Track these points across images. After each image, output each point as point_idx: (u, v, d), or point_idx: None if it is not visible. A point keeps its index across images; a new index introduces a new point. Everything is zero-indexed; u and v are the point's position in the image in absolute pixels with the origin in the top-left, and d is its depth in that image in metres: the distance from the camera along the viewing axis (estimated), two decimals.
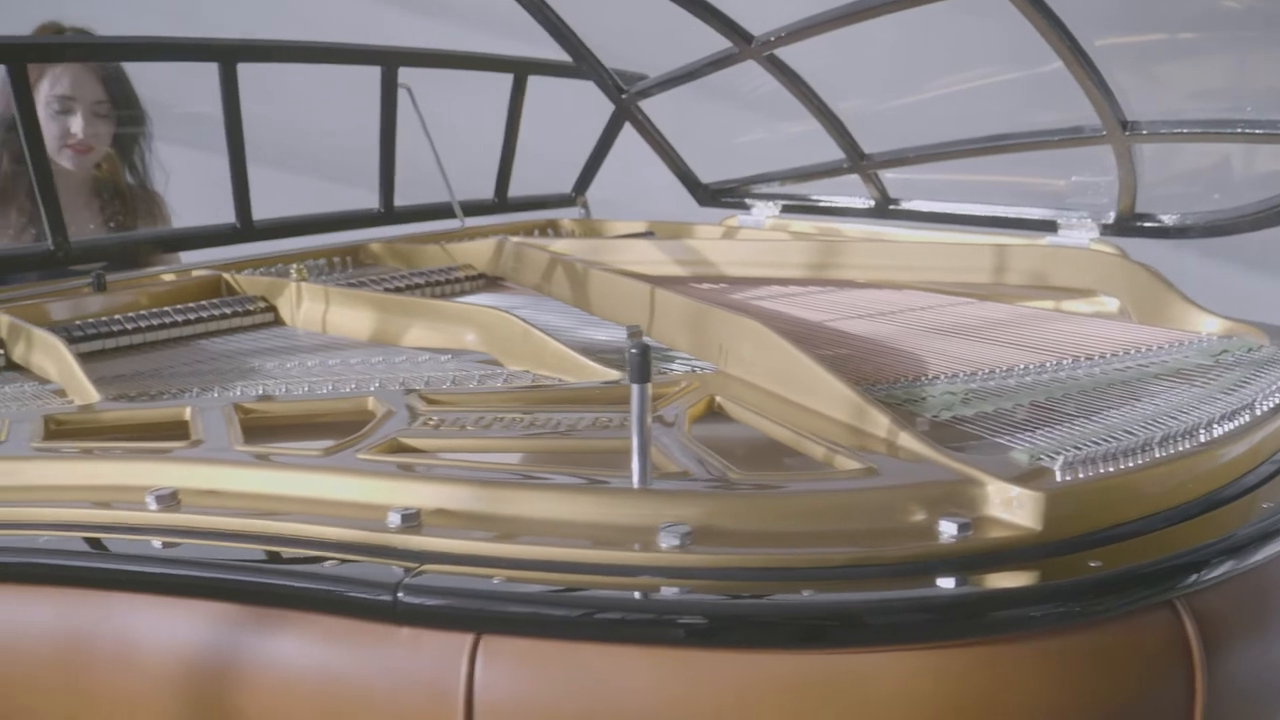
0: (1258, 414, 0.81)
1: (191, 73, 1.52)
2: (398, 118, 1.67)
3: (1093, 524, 0.68)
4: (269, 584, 0.67)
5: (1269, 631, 0.70)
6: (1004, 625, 0.61)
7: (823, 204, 1.70)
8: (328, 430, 0.90)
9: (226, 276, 1.40)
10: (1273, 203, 1.20)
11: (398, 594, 0.63)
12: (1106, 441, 0.75)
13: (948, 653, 0.61)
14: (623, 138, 1.90)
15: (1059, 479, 0.69)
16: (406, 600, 0.63)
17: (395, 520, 0.69)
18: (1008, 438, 0.78)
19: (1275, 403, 0.84)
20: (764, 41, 1.43)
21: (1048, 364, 0.94)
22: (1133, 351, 0.99)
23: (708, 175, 1.85)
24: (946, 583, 0.62)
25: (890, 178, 1.62)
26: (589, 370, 0.98)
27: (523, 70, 1.82)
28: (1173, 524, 0.71)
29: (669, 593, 0.62)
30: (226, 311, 1.29)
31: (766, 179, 1.76)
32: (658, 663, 0.61)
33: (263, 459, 0.78)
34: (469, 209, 1.79)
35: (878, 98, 1.67)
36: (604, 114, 1.86)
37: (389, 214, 1.73)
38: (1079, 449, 0.73)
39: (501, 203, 1.90)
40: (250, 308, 1.31)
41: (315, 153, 2.69)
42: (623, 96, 1.72)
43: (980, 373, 0.92)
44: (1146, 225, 1.32)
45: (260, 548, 0.70)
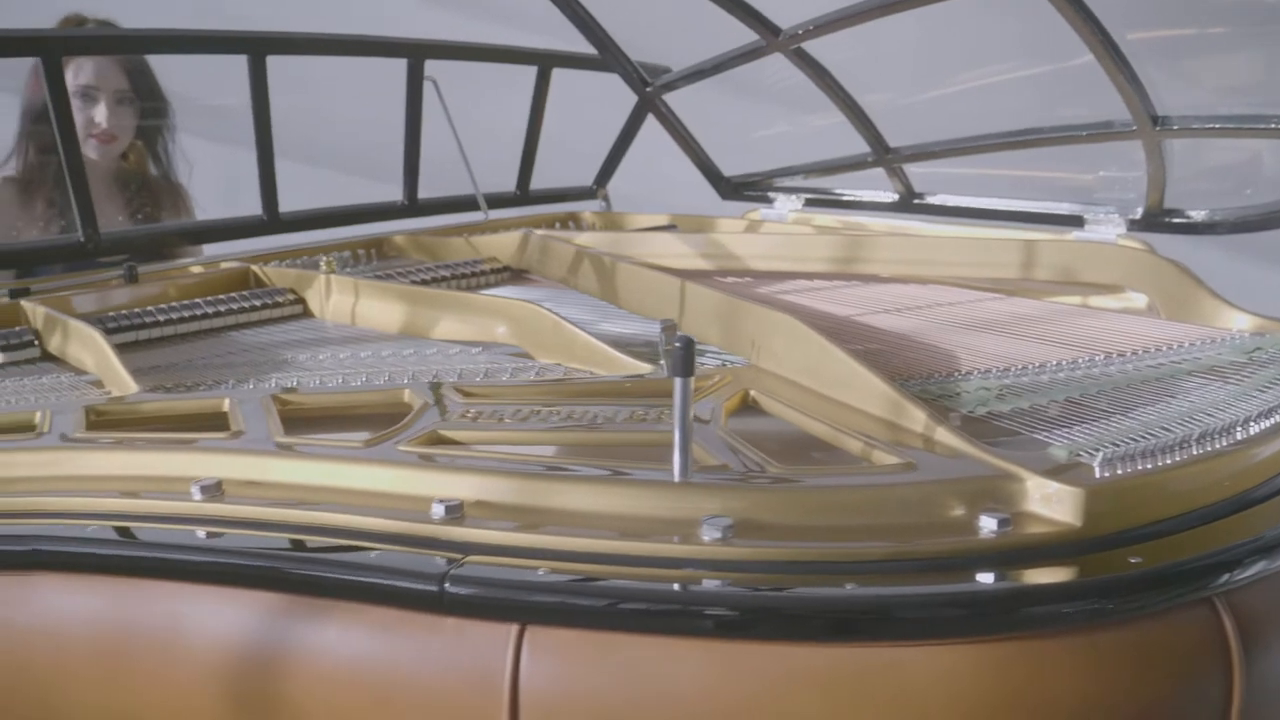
0: None
1: (213, 65, 1.53)
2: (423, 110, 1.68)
3: (1131, 521, 0.68)
4: (316, 574, 0.67)
5: None
6: (1045, 620, 0.62)
7: (846, 198, 1.70)
8: (364, 422, 0.91)
9: (255, 269, 1.41)
10: None
11: (444, 584, 0.64)
12: (1143, 438, 0.75)
13: (988, 647, 0.61)
14: (641, 131, 1.90)
15: (1098, 475, 0.69)
16: (453, 591, 0.64)
17: (439, 512, 0.69)
18: (1044, 434, 0.78)
19: None
20: (792, 35, 1.43)
21: (1080, 360, 0.94)
22: (1164, 348, 0.99)
23: (728, 168, 1.85)
24: (986, 577, 0.63)
25: (914, 171, 1.62)
26: (620, 364, 0.99)
27: (547, 63, 1.83)
28: (1209, 521, 0.71)
29: (712, 585, 0.63)
30: (256, 304, 1.30)
31: (789, 172, 1.76)
32: (701, 654, 0.61)
33: (304, 450, 0.79)
34: (490, 201, 1.79)
35: (903, 91, 1.67)
36: (620, 106, 1.86)
37: (413, 206, 1.73)
38: (1117, 445, 0.73)
39: (523, 195, 1.90)
40: (279, 300, 1.31)
41: (337, 145, 2.70)
42: (647, 89, 1.72)
43: (1013, 368, 0.93)
44: (1175, 221, 1.32)
45: (304, 538, 0.71)
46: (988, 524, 0.66)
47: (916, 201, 1.61)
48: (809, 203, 1.73)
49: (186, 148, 2.02)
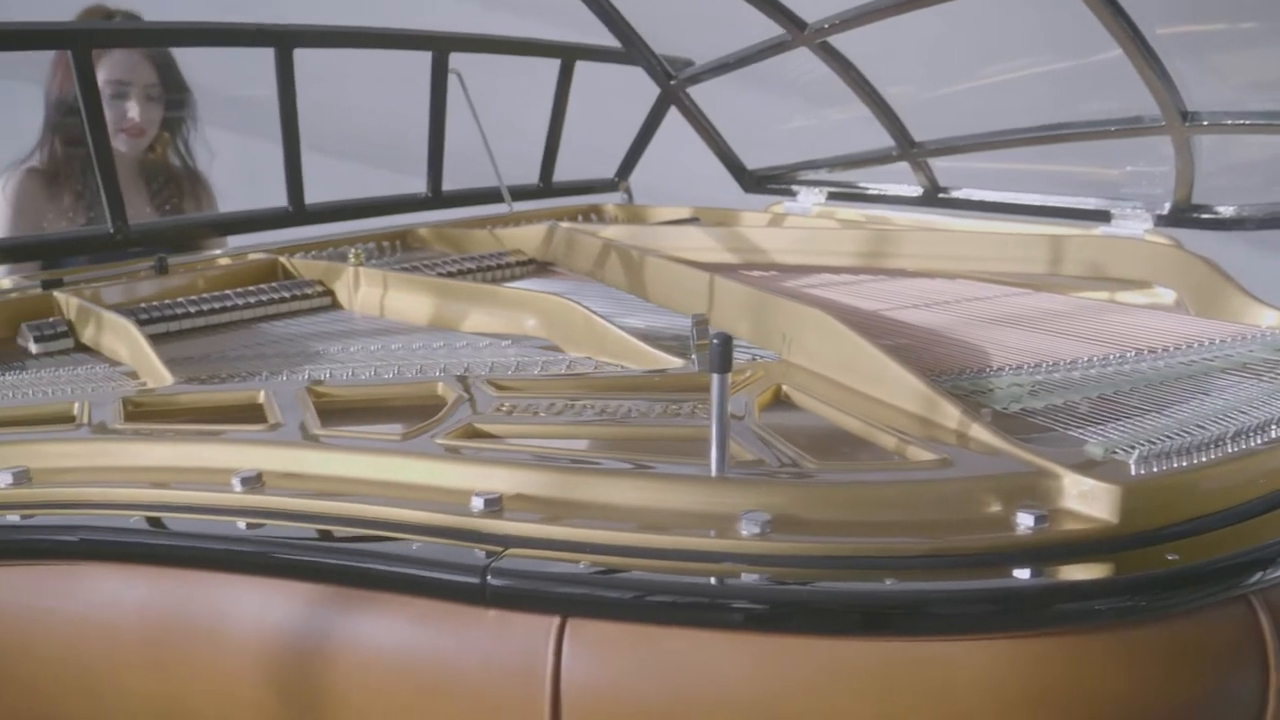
0: None
1: (233, 56, 1.54)
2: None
3: (1166, 518, 0.69)
4: (359, 566, 0.68)
5: None
6: (1082, 617, 0.62)
7: (870, 192, 1.70)
8: (398, 414, 0.92)
9: (283, 260, 1.42)
10: None
11: (486, 577, 0.65)
12: (1178, 436, 0.75)
13: (1026, 643, 0.62)
14: (660, 123, 1.90)
15: (1134, 473, 0.69)
16: (495, 583, 0.65)
17: (478, 505, 0.70)
18: (1078, 431, 0.79)
19: None
20: (817, 29, 1.43)
21: (1111, 356, 0.95)
22: (1195, 345, 0.99)
23: (749, 161, 1.85)
24: (1024, 573, 0.63)
25: (938, 165, 1.61)
26: (651, 357, 0.99)
27: (570, 56, 1.83)
28: (1244, 519, 0.71)
29: (752, 580, 0.63)
30: (285, 295, 1.31)
31: (813, 165, 1.76)
32: (742, 648, 0.62)
33: (343, 443, 0.79)
34: (513, 193, 1.80)
35: (927, 85, 1.67)
36: (637, 99, 1.86)
37: (437, 198, 1.74)
38: (1152, 443, 0.73)
39: (546, 187, 1.91)
40: (308, 291, 1.32)
41: (361, 137, 2.71)
42: (670, 82, 1.72)
43: (1044, 364, 0.93)
44: (1203, 217, 1.32)
45: (345, 530, 0.72)
46: (1024, 520, 0.66)
47: (941, 196, 1.60)
48: (832, 196, 1.73)
49: (206, 138, 2.04)
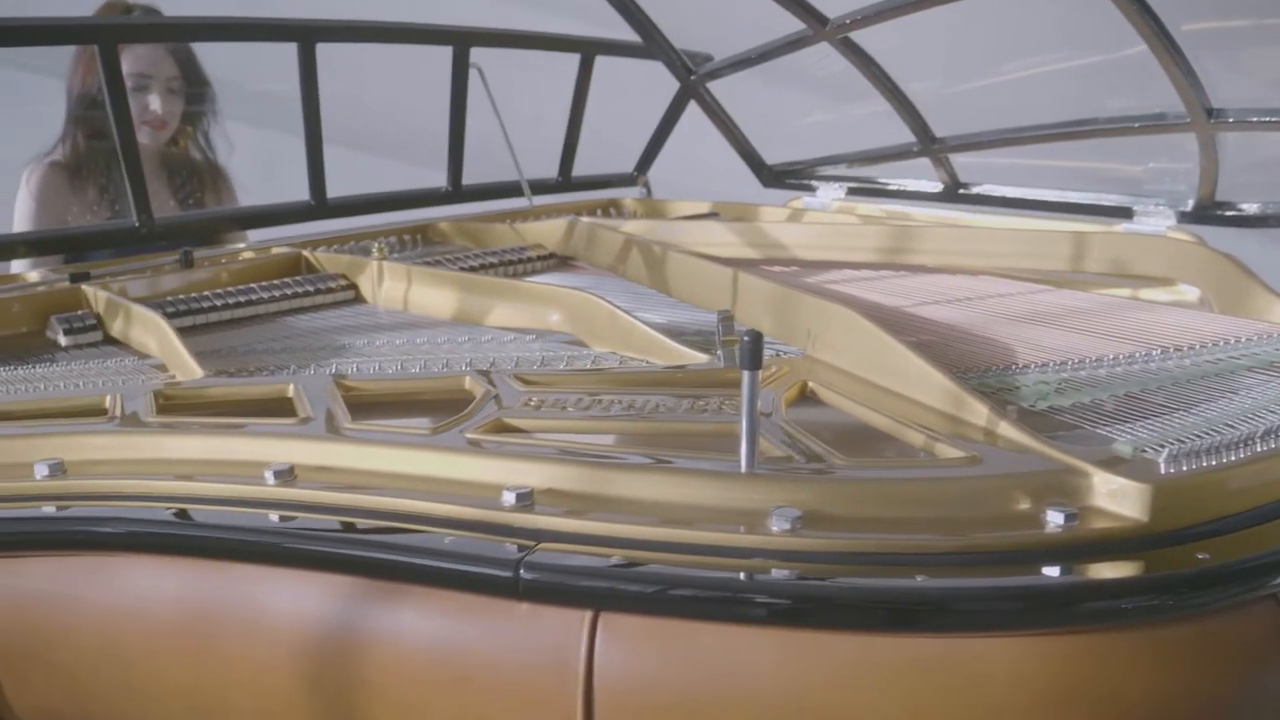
0: None
1: (251, 50, 1.54)
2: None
3: (1195, 517, 0.69)
4: (392, 559, 0.69)
5: None
6: (1113, 615, 0.62)
7: (890, 187, 1.70)
8: (426, 408, 0.93)
9: (306, 254, 1.43)
10: None
11: (519, 570, 0.65)
12: (1208, 435, 0.75)
13: (1057, 640, 0.62)
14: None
15: (1164, 471, 0.70)
16: (528, 577, 0.65)
17: (510, 499, 0.71)
18: (1105, 429, 0.79)
19: None
20: (839, 24, 1.43)
21: (1137, 354, 0.94)
22: (1220, 343, 0.98)
23: (767, 156, 1.84)
24: (1054, 571, 0.64)
25: (959, 161, 1.61)
26: (676, 353, 1.00)
27: (591, 50, 1.83)
28: (1273, 518, 0.71)
29: (782, 575, 0.64)
30: (309, 289, 1.31)
31: (833, 161, 1.76)
32: (773, 643, 0.63)
33: (374, 437, 0.80)
34: (532, 187, 1.80)
35: (948, 80, 1.66)
36: (657, 93, 1.86)
37: (457, 193, 1.75)
38: (1181, 442, 0.73)
39: (565, 182, 1.91)
40: (332, 285, 1.33)
41: (381, 131, 2.72)
42: (691, 77, 1.72)
43: (1070, 362, 0.93)
44: (1227, 214, 1.31)
45: (378, 523, 0.72)
46: (1054, 518, 0.67)
47: (961, 191, 1.60)
48: (851, 192, 1.73)
49: (226, 131, 2.05)
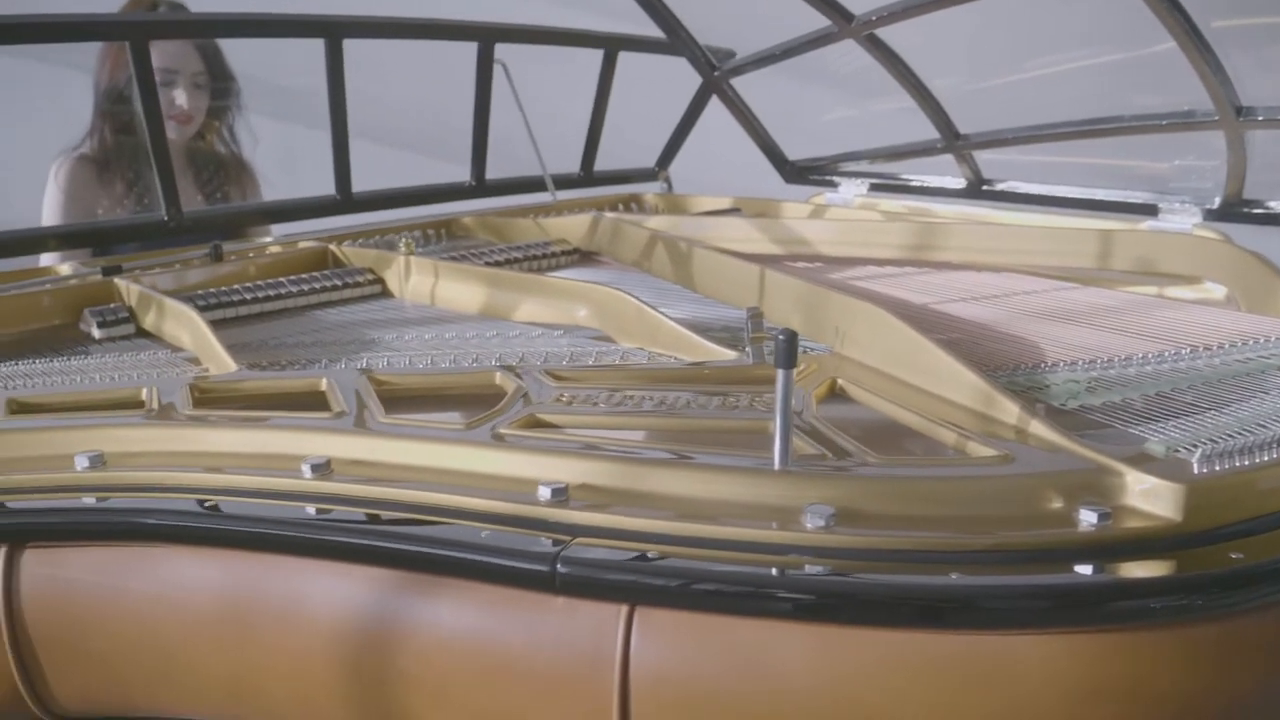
0: None
1: (276, 46, 1.55)
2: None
3: (1228, 517, 0.69)
4: (430, 552, 0.70)
5: None
6: (1148, 614, 0.63)
7: (913, 183, 1.70)
8: (457, 403, 0.94)
9: (333, 248, 1.44)
10: None
11: (556, 565, 0.66)
12: (1239, 435, 0.75)
13: (1090, 638, 0.63)
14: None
15: (1197, 471, 0.70)
16: (564, 571, 0.66)
17: (545, 494, 0.72)
18: (1138, 428, 0.79)
19: None
20: (865, 21, 1.43)
21: (1166, 353, 0.95)
22: (1249, 342, 0.98)
23: (789, 152, 1.84)
24: (1088, 570, 0.64)
25: (982, 157, 1.61)
26: (704, 349, 1.00)
27: (614, 46, 1.83)
28: None
29: (817, 571, 0.65)
30: (337, 283, 1.32)
31: (855, 157, 1.76)
32: (807, 639, 0.63)
33: (409, 431, 0.81)
34: (555, 182, 1.81)
35: (972, 76, 1.66)
36: (678, 87, 1.86)
37: (480, 187, 1.75)
38: (1214, 442, 0.74)
39: (587, 176, 1.92)
40: (359, 279, 1.34)
41: (401, 125, 2.73)
42: (715, 74, 1.73)
43: (1099, 361, 0.93)
44: (1254, 211, 1.31)
45: (414, 516, 0.73)
46: (1088, 517, 0.67)
47: (985, 188, 1.60)
48: (874, 188, 1.73)
49: (251, 125, 2.06)
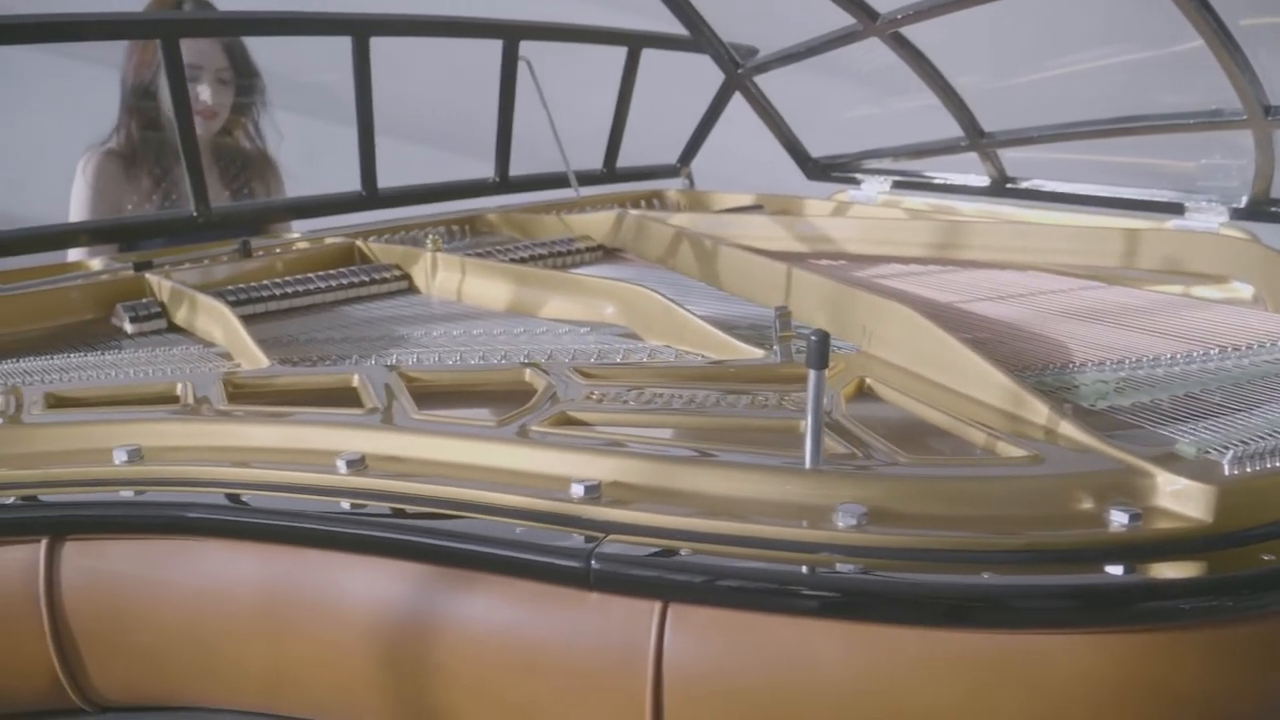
0: None
1: (300, 42, 1.57)
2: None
3: (1260, 518, 0.69)
4: (464, 548, 0.71)
5: None
6: (1179, 614, 0.63)
7: (936, 181, 1.69)
8: (487, 399, 0.95)
9: (359, 244, 1.45)
10: None
11: (590, 561, 0.67)
12: (1271, 437, 0.76)
13: (1120, 637, 0.63)
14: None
15: (1228, 472, 0.70)
16: (599, 568, 0.67)
17: (579, 491, 0.72)
18: (1167, 429, 0.79)
19: None
20: (890, 19, 1.43)
21: (1195, 354, 0.95)
22: (1278, 343, 0.98)
23: (811, 149, 1.85)
24: (1119, 570, 0.64)
25: (1008, 156, 1.61)
26: (731, 347, 1.01)
27: (638, 43, 1.84)
28: None
29: (848, 569, 0.65)
30: (364, 279, 1.34)
31: (879, 154, 1.76)
32: (839, 636, 0.64)
33: (442, 428, 0.82)
34: (577, 178, 1.82)
35: (997, 74, 1.66)
36: (699, 84, 1.86)
37: (504, 183, 1.77)
38: (1245, 443, 0.74)
39: (610, 172, 1.93)
40: (386, 275, 1.35)
41: (424, 121, 2.74)
42: (738, 71, 1.73)
43: (1127, 361, 0.93)
44: None
45: (448, 512, 0.74)
46: (1118, 518, 0.67)
47: (1009, 186, 1.60)
48: (897, 185, 1.73)
49: (276, 120, 2.07)
